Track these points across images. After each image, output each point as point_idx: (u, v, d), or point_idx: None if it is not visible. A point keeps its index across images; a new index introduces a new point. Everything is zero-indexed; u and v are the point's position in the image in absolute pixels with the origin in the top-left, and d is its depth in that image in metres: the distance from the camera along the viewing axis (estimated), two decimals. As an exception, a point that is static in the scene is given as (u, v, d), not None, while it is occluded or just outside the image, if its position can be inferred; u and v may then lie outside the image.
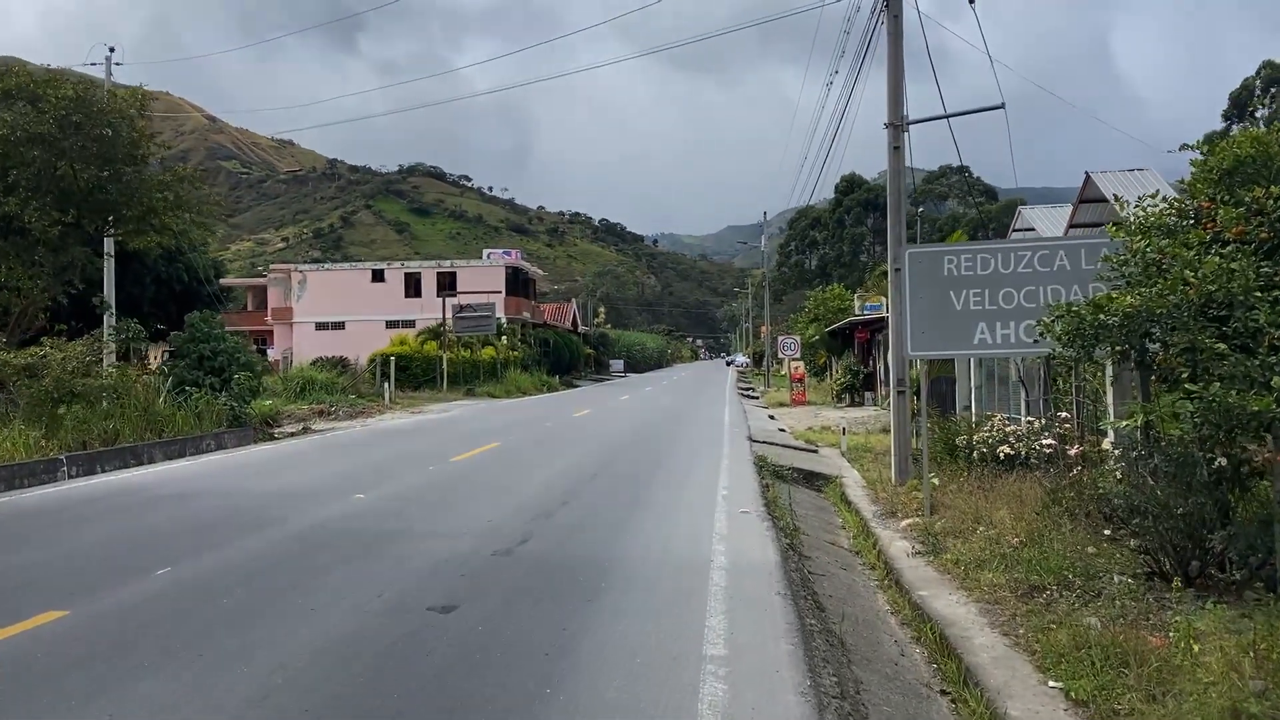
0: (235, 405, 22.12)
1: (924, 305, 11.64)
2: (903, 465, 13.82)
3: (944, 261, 11.62)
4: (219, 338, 23.98)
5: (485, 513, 10.42)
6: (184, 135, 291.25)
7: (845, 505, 13.78)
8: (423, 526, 9.63)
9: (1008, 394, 18.19)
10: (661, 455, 17.06)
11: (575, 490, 12.20)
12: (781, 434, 24.54)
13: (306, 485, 12.93)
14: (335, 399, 31.62)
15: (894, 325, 13.94)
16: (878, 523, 11.88)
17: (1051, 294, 11.25)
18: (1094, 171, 28.95)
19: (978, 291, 11.48)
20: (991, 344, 11.47)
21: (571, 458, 16.30)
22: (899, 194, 13.91)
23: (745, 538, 9.31)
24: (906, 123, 13.96)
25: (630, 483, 13.10)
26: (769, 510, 11.15)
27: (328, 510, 10.66)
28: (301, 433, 24.63)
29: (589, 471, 14.26)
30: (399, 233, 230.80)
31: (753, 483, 13.65)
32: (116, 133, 23.43)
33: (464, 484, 12.80)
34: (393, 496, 11.70)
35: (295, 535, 9.21)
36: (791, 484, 15.57)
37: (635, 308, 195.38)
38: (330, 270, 67.66)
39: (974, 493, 12.11)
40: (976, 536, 10.22)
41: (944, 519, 11.20)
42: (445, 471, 14.29)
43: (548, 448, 18.19)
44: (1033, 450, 13.18)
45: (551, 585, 7.17)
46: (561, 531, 9.33)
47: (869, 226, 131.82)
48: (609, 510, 10.63)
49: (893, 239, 13.93)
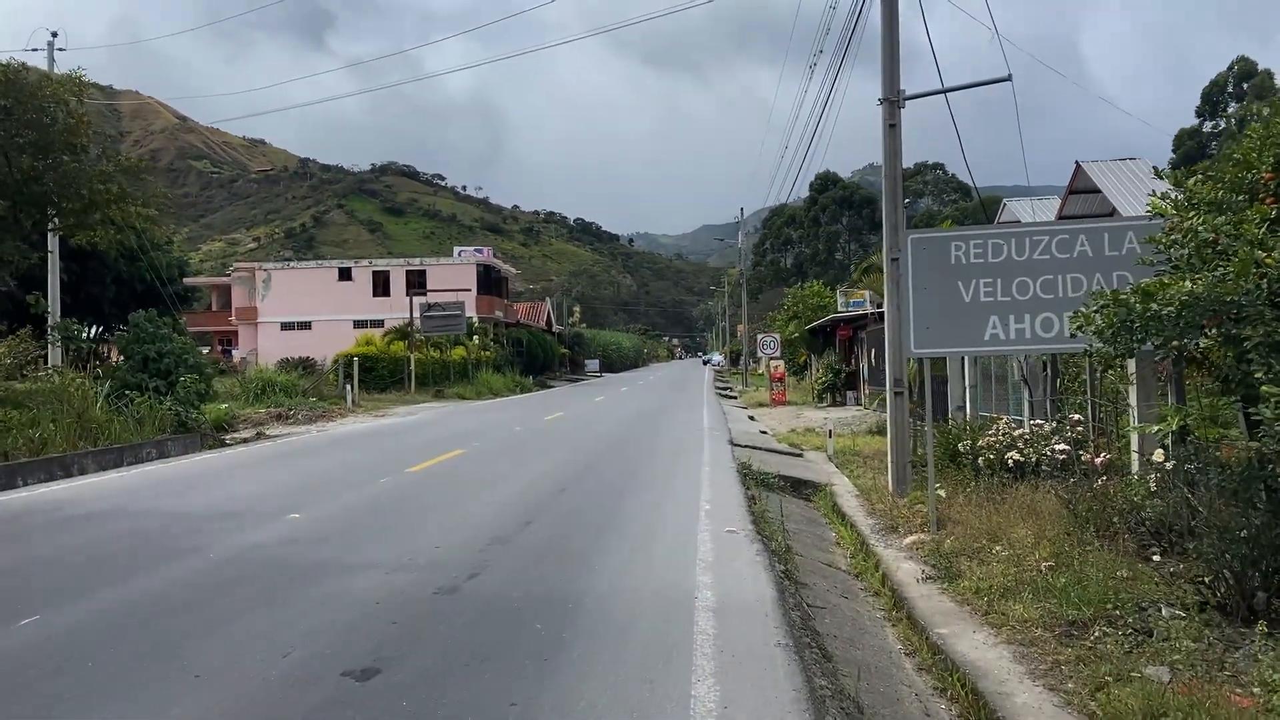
0: (181, 410, 20.66)
1: (929, 297, 10.43)
2: (901, 474, 12.60)
3: (951, 248, 10.41)
4: (165, 338, 22.49)
5: (434, 537, 9.09)
6: (154, 134, 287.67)
7: (839, 518, 12.55)
8: (359, 555, 8.29)
9: (1006, 394, 17.02)
10: (638, 464, 15.78)
11: (541, 507, 10.88)
12: (764, 437, 23.33)
13: (240, 502, 11.55)
14: (295, 402, 30.13)
15: (891, 320, 12.74)
16: (878, 539, 10.66)
17: (1071, 284, 10.09)
18: (1084, 161, 27.98)
19: (989, 281, 10.28)
20: (1005, 340, 10.26)
21: (539, 468, 14.98)
22: (896, 176, 12.69)
23: (734, 564, 8.04)
24: (903, 98, 12.75)
25: (603, 497, 11.80)
26: (757, 528, 9.89)
27: (255, 534, 9.30)
28: (255, 438, 23.17)
29: (558, 484, 12.95)
30: (372, 232, 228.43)
31: (737, 494, 12.40)
32: (53, 120, 21.92)
33: (416, 500, 11.45)
34: (333, 516, 10.34)
35: (208, 568, 7.85)
36: (778, 493, 14.35)
37: (611, 307, 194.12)
38: (296, 269, 65.85)
39: (983, 505, 10.92)
40: (994, 558, 9.02)
41: (953, 536, 10.00)
42: (398, 485, 12.93)
43: (515, 456, 16.85)
44: (1043, 456, 12.01)
45: (502, 636, 5.86)
46: (520, 561, 8.01)
47: (844, 225, 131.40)
48: (577, 533, 9.32)
49: (889, 225, 12.71)
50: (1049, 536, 9.25)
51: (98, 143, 24.61)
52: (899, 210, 12.76)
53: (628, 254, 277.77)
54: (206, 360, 23.16)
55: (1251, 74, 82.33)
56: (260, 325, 61.71)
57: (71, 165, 22.63)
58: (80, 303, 65.25)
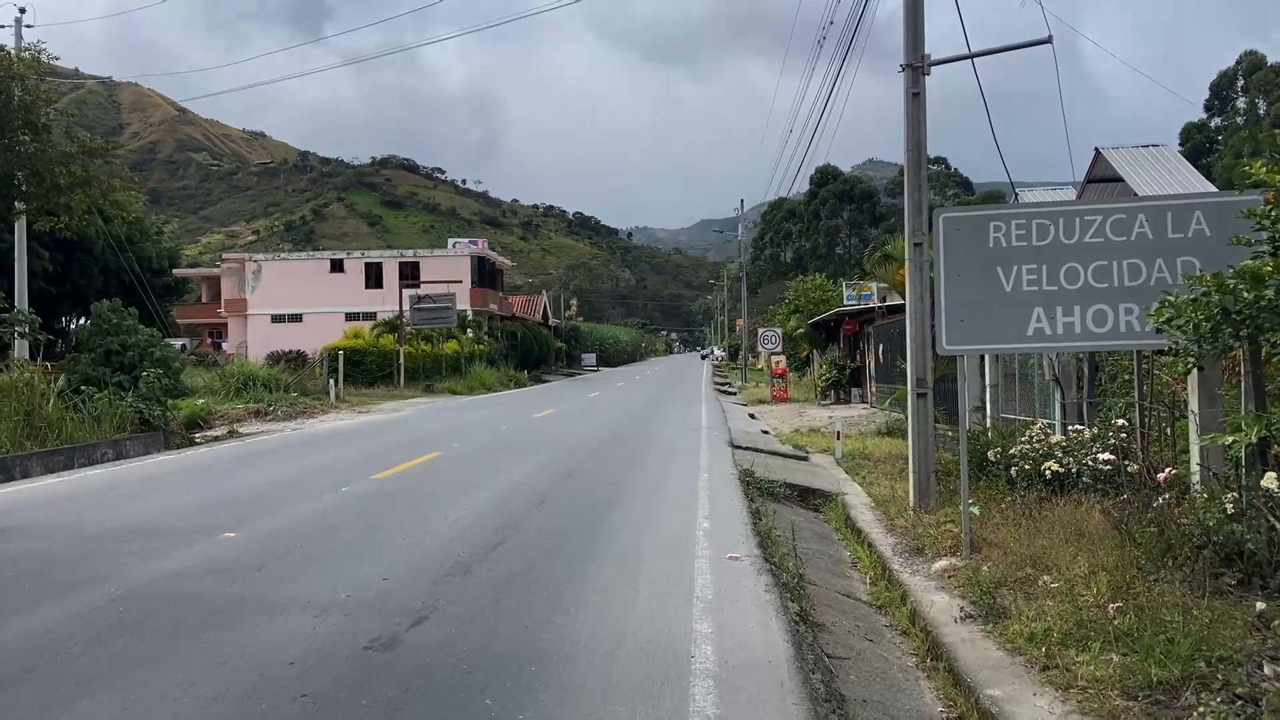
0: (144, 407, 19.27)
1: (963, 286, 9.04)
2: (924, 485, 11.22)
3: (989, 229, 9.02)
4: (130, 329, 21.10)
5: (385, 563, 7.71)
6: (153, 126, 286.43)
7: (854, 535, 11.19)
8: (290, 588, 6.91)
9: (1031, 395, 15.61)
10: (629, 469, 14.40)
11: (514, 524, 9.49)
12: (766, 437, 21.96)
13: (177, 515, 10.18)
14: (274, 398, 28.72)
15: (914, 312, 11.35)
16: (902, 563, 9.29)
17: (1129, 270, 8.71)
18: (1104, 147, 26.55)
19: (1033, 268, 8.90)
20: (1051, 336, 8.88)
21: (520, 474, 13.60)
22: (919, 150, 11.30)
23: (738, 603, 6.67)
24: (928, 64, 11.35)
25: (587, 511, 10.41)
26: (764, 553, 8.51)
27: (176, 559, 7.92)
28: (226, 437, 21.83)
29: (537, 494, 11.56)
30: (371, 225, 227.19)
31: (739, 507, 11.03)
32: (8, 97, 20.55)
33: (372, 515, 10.06)
34: (274, 534, 8.95)
35: (99, 607, 6.47)
36: (784, 504, 12.98)
37: (609, 301, 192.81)
38: (286, 260, 64.33)
39: (1020, 524, 9.56)
40: (1042, 591, 7.66)
41: (990, 561, 8.63)
42: (357, 495, 11.54)
43: (495, 459, 15.46)
44: (1084, 467, 10.64)
45: (441, 714, 4.49)
46: (480, 599, 6.63)
47: (844, 219, 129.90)
48: (552, 560, 7.93)
49: (911, 206, 11.33)
50: (1105, 566, 7.89)
51: (60, 124, 23.23)
52: (922, 189, 11.37)
53: (626, 248, 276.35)
54: (174, 354, 21.76)
55: (1259, 67, 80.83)
56: (250, 318, 60.24)
57: (30, 146, 21.27)
58: (65, 294, 63.81)
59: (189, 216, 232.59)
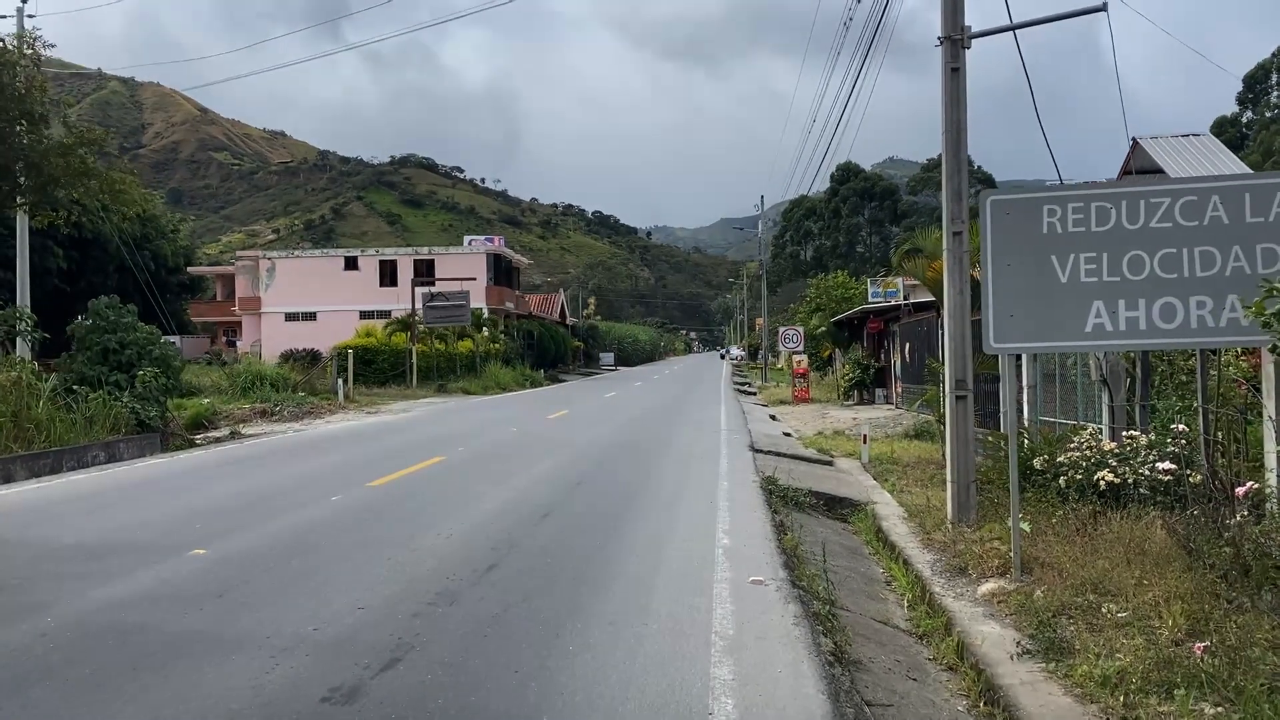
0: (139, 407, 18.51)
1: (1013, 277, 8.09)
2: (964, 496, 10.26)
3: (1043, 214, 8.07)
4: (129, 327, 20.36)
5: (362, 588, 6.84)
6: (175, 126, 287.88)
7: (887, 550, 10.26)
8: (249, 620, 6.05)
9: (1072, 397, 14.53)
10: (644, 476, 13.49)
11: (513, 542, 8.60)
12: (788, 440, 21.01)
13: (149, 528, 9.35)
14: (281, 398, 27.97)
15: (953, 308, 10.40)
16: (943, 584, 8.34)
17: (1200, 259, 7.75)
18: (1143, 137, 25.44)
19: (1092, 257, 7.95)
20: (1112, 332, 7.92)
21: (526, 481, 12.71)
22: (959, 130, 10.34)
23: (763, 643, 5.76)
24: (968, 36, 10.40)
25: (595, 526, 9.51)
26: (792, 575, 7.60)
27: (132, 581, 7.09)
28: (228, 438, 21.07)
29: (542, 505, 10.67)
30: (391, 224, 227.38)
31: (762, 520, 10.11)
32: (4, 86, 19.83)
33: (359, 530, 9.18)
34: (246, 553, 8.09)
35: (28, 642, 5.62)
36: (810, 514, 12.06)
37: (628, 300, 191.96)
38: (301, 258, 63.70)
39: (1074, 540, 8.62)
40: (1108, 621, 6.74)
41: (1044, 584, 7.70)
42: (347, 506, 10.67)
43: (501, 465, 14.57)
44: (1141, 477, 9.66)
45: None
46: (464, 636, 5.74)
47: (865, 217, 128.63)
48: (552, 586, 7.03)
49: (950, 192, 10.37)
50: (1179, 593, 6.94)
51: (58, 114, 22.51)
52: (962, 173, 10.41)
53: (645, 247, 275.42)
54: (173, 352, 21.01)
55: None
56: (264, 316, 59.68)
57: (26, 136, 20.57)
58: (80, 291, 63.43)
59: (210, 215, 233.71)
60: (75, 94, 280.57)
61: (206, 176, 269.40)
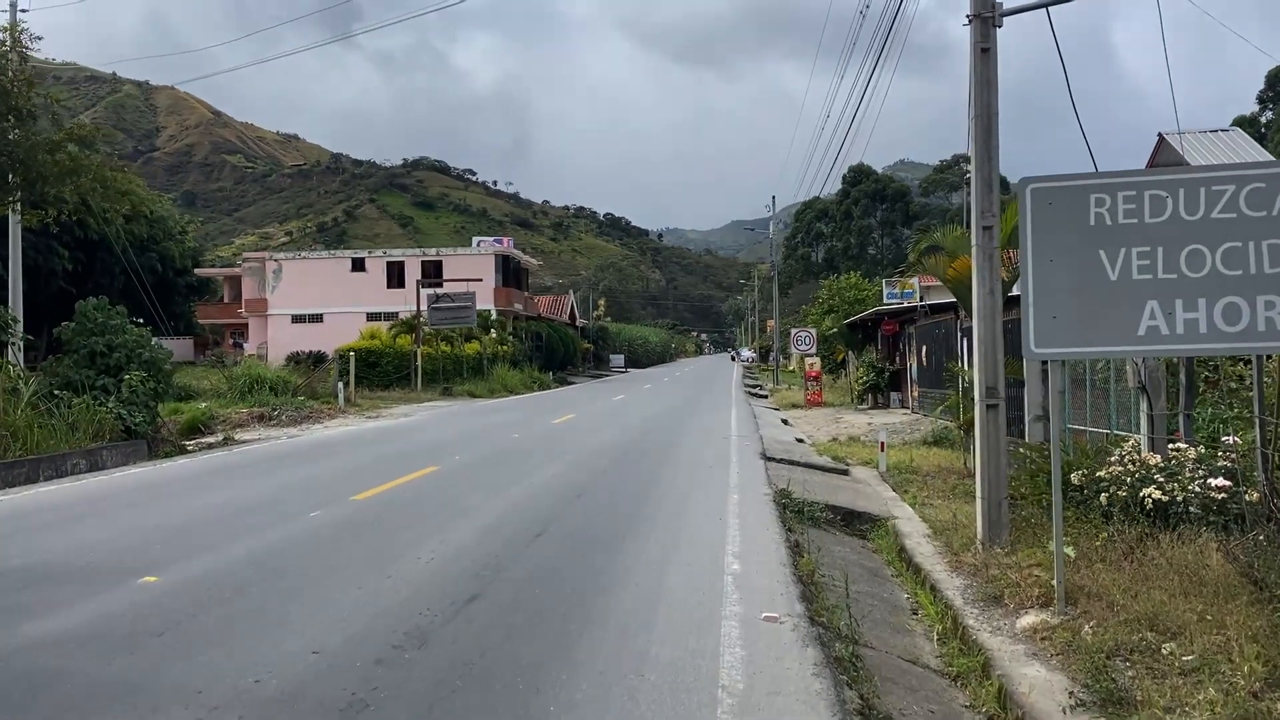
0: (125, 413, 17.78)
1: (1057, 274, 7.25)
2: (995, 514, 9.40)
3: (1090, 203, 7.22)
4: (118, 329, 19.62)
5: (319, 627, 6.03)
6: (189, 129, 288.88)
7: (911, 572, 9.41)
8: (182, 668, 5.25)
9: (1103, 404, 13.66)
10: (649, 487, 12.67)
11: (498, 568, 7.77)
12: (801, 447, 20.16)
13: (101, 549, 8.57)
14: (280, 401, 27.25)
15: (982, 309, 9.56)
16: (977, 616, 7.50)
17: (1269, 254, 6.89)
18: (1169, 133, 24.55)
19: (1145, 251, 7.10)
20: (1169, 336, 7.07)
21: (522, 493, 11.89)
22: (990, 115, 9.49)
23: (778, 700, 4.93)
24: (999, 13, 9.55)
25: (591, 549, 8.66)
26: (809, 609, 6.76)
27: (67, 615, 6.30)
28: (221, 444, 20.34)
29: (536, 522, 9.85)
30: (403, 227, 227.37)
31: (775, 540, 9.27)
32: (-8, 79, 19.17)
33: (332, 552, 8.38)
34: (202, 579, 7.30)
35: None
36: (826, 529, 11.23)
37: (639, 302, 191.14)
38: (307, 259, 63.05)
39: (1122, 566, 7.79)
40: (1171, 666, 5.92)
41: (1092, 619, 6.85)
42: (325, 522, 9.87)
43: (498, 475, 13.77)
44: (1191, 494, 8.80)
45: None
46: (428, 690, 4.92)
47: (877, 219, 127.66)
48: (537, 625, 6.20)
49: (980, 183, 9.52)
50: (1252, 632, 6.11)
51: (48, 110, 21.84)
52: (992, 162, 9.56)
53: (657, 249, 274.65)
54: (164, 355, 20.26)
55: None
56: (270, 318, 59.07)
57: (14, 131, 19.90)
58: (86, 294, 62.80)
59: (224, 218, 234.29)
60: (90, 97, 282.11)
61: (220, 179, 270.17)
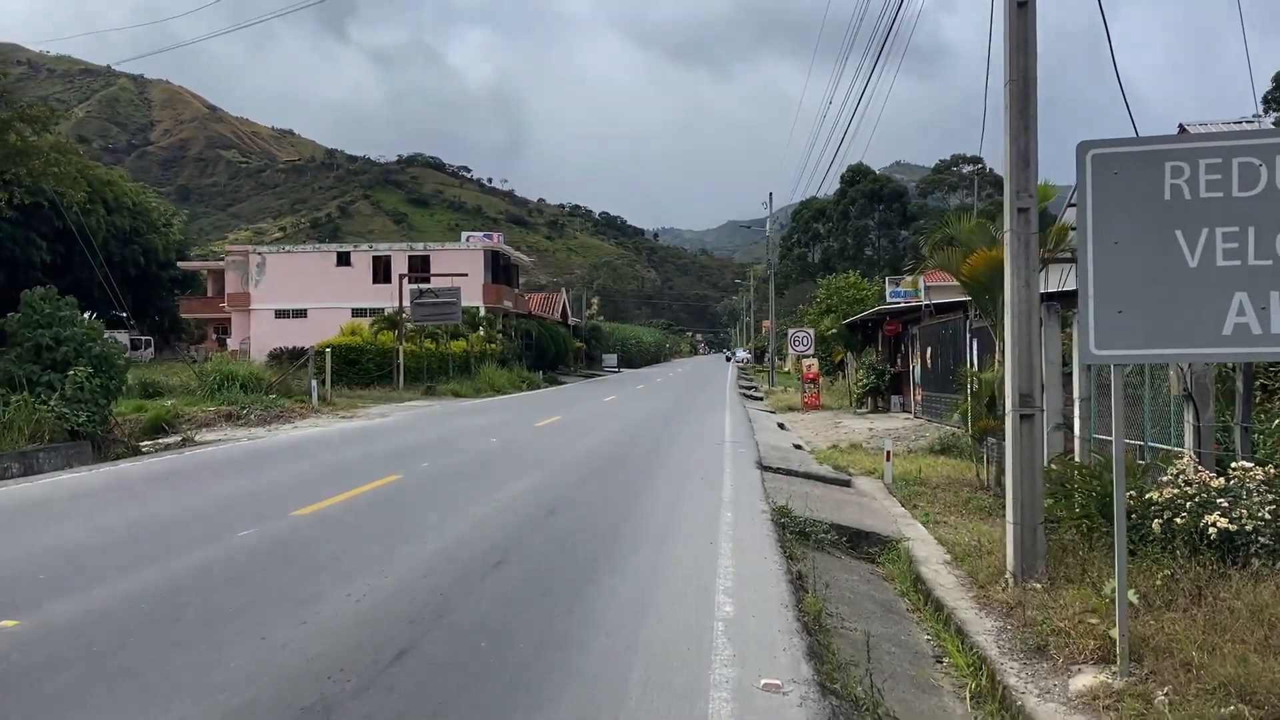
0: (69, 411, 16.43)
1: (1122, 260, 5.94)
2: (1029, 542, 8.09)
3: (1165, 172, 5.91)
4: (67, 321, 18.28)
5: (191, 700, 4.69)
6: (184, 124, 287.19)
7: (930, 605, 8.10)
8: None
9: (1136, 413, 12.25)
10: (631, 502, 11.32)
11: (441, 611, 6.40)
12: (799, 454, 18.84)
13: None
14: (250, 400, 25.86)
15: (1017, 303, 8.24)
16: (1018, 671, 6.18)
17: (1389, 235, 5.59)
18: (1190, 123, 23.30)
19: (1234, 232, 5.80)
20: (1262, 335, 5.77)
21: (487, 509, 10.53)
22: (1026, 81, 8.18)
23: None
24: (1040, -37, 8.24)
25: (557, 583, 7.28)
26: (818, 672, 5.44)
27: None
28: (180, 445, 19.00)
29: (496, 547, 8.49)
30: (397, 223, 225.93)
31: (775, 572, 7.93)
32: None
33: (247, 585, 7.01)
34: (71, 625, 5.94)
35: None
36: (830, 551, 9.93)
37: (634, 301, 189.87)
38: (292, 253, 61.52)
39: (1192, 613, 6.52)
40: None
41: (1167, 684, 5.55)
42: (253, 545, 8.50)
43: (464, 487, 12.41)
44: (1261, 522, 7.52)
45: None
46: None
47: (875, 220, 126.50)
48: (474, 696, 4.86)
49: (1014, 157, 8.21)
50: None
51: (-2, 86, 20.50)
52: (1030, 132, 8.24)
53: (652, 249, 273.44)
54: (117, 350, 18.90)
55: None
56: (253, 312, 57.58)
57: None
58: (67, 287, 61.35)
59: (218, 213, 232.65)
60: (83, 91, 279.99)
61: (214, 174, 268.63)
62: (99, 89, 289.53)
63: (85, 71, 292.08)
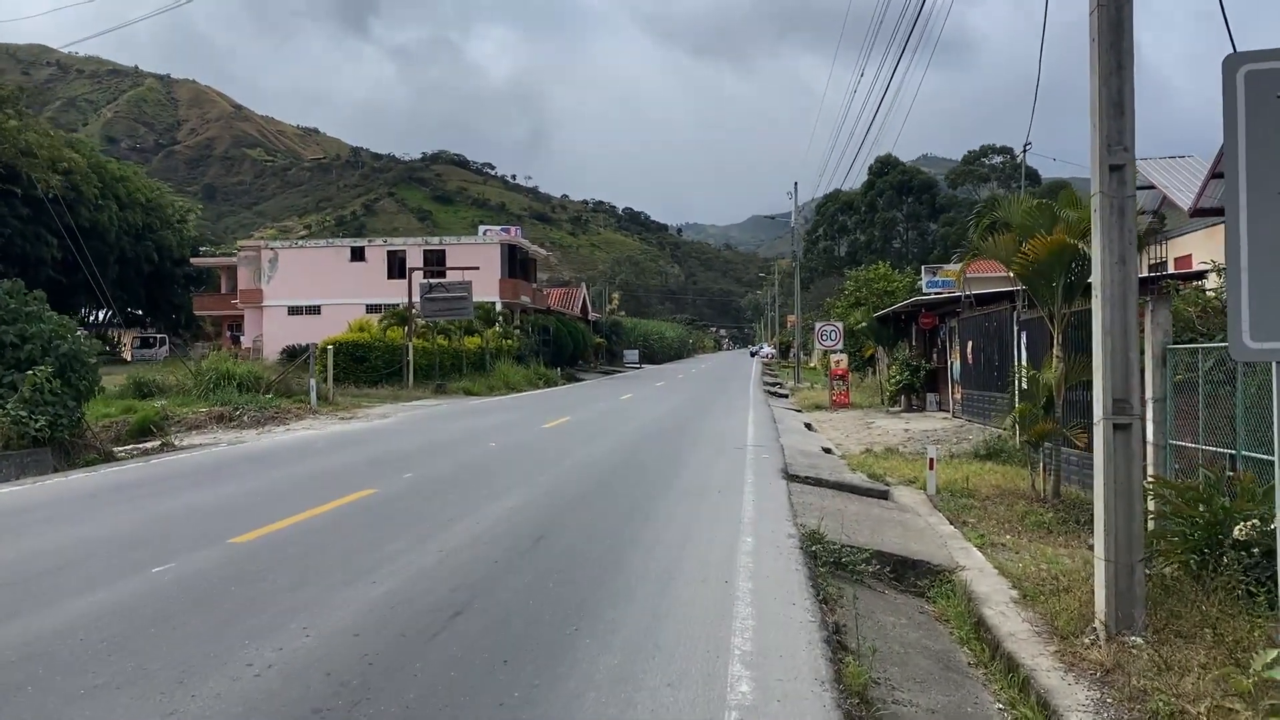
0: (25, 416, 15.02)
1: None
2: (1126, 584, 6.41)
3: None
4: (33, 318, 16.89)
5: None
6: (210, 123, 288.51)
7: (998, 660, 6.46)
8: None
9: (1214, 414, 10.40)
10: (636, 526, 9.69)
11: (361, 691, 4.80)
12: (829, 459, 17.17)
13: None
14: (243, 400, 24.47)
15: (1109, 284, 6.55)
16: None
17: None
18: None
19: None
20: None
21: (461, 537, 8.90)
22: (1119, 3, 6.51)
23: None
24: None
25: (522, 651, 5.63)
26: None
27: None
28: (157, 450, 17.66)
29: (463, 586, 6.90)
30: (421, 220, 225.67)
31: (807, 632, 6.28)
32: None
33: (145, 638, 5.46)
34: None
35: None
36: (870, 585, 8.30)
37: (657, 297, 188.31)
38: (305, 248, 60.28)
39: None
40: None
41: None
42: (172, 581, 6.94)
43: (444, 504, 10.78)
44: None
45: None
46: None
47: (903, 212, 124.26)
48: None
49: (1105, 102, 6.53)
50: None
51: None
52: (1124, 71, 6.55)
53: (676, 244, 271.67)
54: (87, 348, 17.48)
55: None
56: (266, 309, 56.38)
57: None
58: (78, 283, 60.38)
59: (243, 211, 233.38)
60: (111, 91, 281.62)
61: (240, 173, 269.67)
62: (126, 89, 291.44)
63: (113, 72, 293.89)
